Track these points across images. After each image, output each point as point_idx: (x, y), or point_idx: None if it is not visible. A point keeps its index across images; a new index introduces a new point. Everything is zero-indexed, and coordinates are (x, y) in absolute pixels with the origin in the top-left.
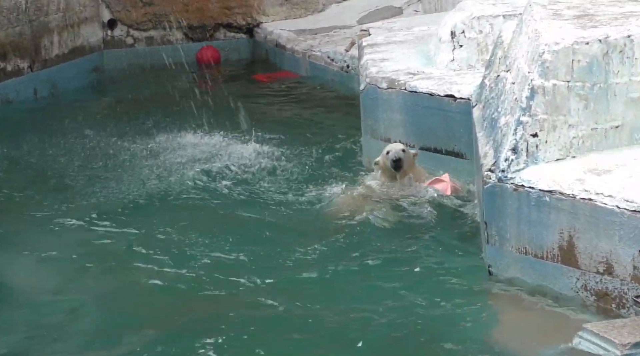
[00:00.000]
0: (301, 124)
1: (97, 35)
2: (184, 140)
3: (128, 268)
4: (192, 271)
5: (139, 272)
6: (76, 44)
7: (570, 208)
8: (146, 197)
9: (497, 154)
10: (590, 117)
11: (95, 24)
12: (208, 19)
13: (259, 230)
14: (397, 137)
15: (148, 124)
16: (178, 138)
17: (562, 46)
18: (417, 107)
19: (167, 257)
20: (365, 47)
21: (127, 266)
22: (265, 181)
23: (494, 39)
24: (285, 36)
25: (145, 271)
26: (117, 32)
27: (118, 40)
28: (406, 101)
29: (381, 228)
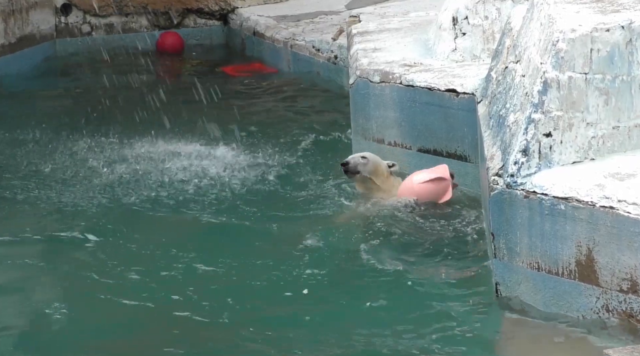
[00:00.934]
0: (282, 125)
1: (49, 22)
2: (143, 141)
3: (91, 283)
4: (173, 284)
5: (105, 288)
6: (25, 32)
7: (589, 217)
8: (100, 203)
9: (506, 157)
10: (612, 114)
11: (47, 9)
12: (176, 4)
13: (243, 244)
14: (391, 138)
15: (105, 123)
16: (137, 139)
17: (579, 34)
18: (414, 103)
19: (144, 269)
20: (355, 36)
21: (90, 282)
22: (242, 192)
23: (502, 25)
24: (264, 23)
25: (117, 286)
26: (72, 18)
27: (73, 28)
28: (402, 97)
29: (378, 244)
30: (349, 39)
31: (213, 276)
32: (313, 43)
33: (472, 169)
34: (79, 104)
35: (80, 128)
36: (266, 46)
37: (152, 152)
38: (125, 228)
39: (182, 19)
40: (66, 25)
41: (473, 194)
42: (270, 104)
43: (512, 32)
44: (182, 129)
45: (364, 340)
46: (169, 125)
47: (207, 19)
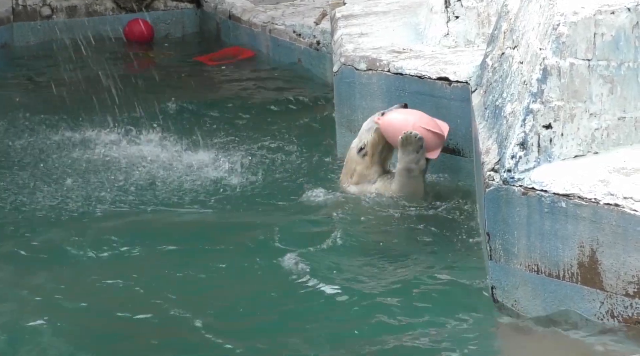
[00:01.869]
0: (261, 116)
1: (6, 4)
2: (109, 137)
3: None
4: (163, 292)
5: (83, 295)
6: None
7: (593, 215)
8: (71, 204)
9: (502, 150)
10: (617, 104)
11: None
12: None
13: (229, 245)
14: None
15: (66, 116)
16: (102, 134)
17: (582, 16)
18: (403, 92)
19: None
20: (339, 20)
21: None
22: (219, 192)
23: (498, 8)
24: (241, 6)
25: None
26: (31, 0)
27: (32, 11)
28: (390, 86)
29: (366, 245)
30: (332, 23)
31: (196, 278)
32: (294, 27)
33: (466, 163)
34: (37, 96)
35: (39, 122)
36: (243, 31)
37: (121, 149)
38: (103, 230)
39: (152, 1)
40: (24, 8)
41: (467, 191)
42: (248, 95)
43: (509, 15)
44: (157, 125)
45: (352, 345)
46: (139, 119)
47: (179, 1)
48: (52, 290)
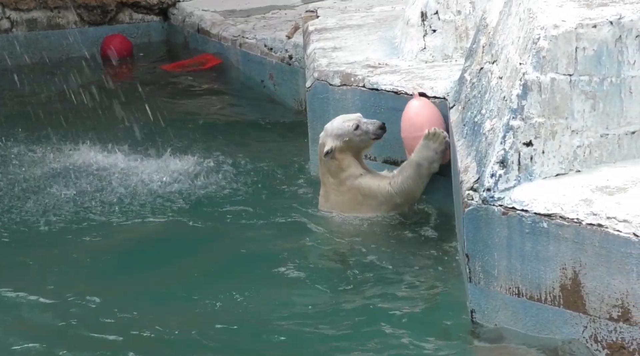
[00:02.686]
0: (232, 133)
1: None
2: (76, 157)
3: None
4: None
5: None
6: None
7: (575, 236)
8: (50, 219)
9: (482, 169)
10: (599, 121)
11: None
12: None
13: (195, 256)
14: None
15: (26, 135)
16: (67, 155)
17: (563, 30)
18: (378, 109)
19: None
20: (312, 33)
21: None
22: (188, 204)
23: (476, 21)
24: (210, 19)
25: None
26: None
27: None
28: (365, 102)
29: (343, 268)
30: (305, 36)
31: (174, 295)
32: (265, 41)
33: (444, 182)
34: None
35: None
36: (212, 45)
37: (86, 163)
38: (80, 243)
39: (116, 14)
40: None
41: (445, 211)
42: (218, 110)
43: (488, 29)
44: (123, 138)
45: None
46: (103, 133)
47: (145, 13)
48: (32, 306)
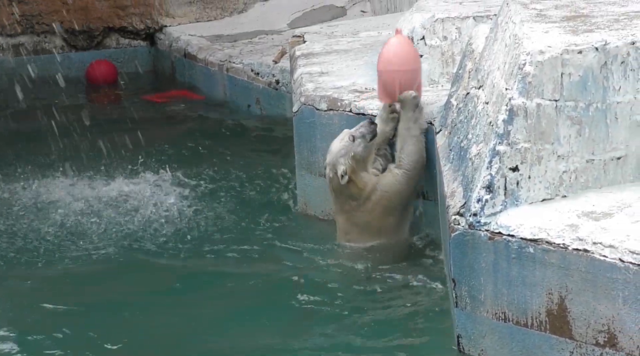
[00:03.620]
0: (217, 157)
1: None
2: (61, 178)
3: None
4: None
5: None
6: None
7: (561, 261)
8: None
9: (468, 193)
10: (585, 146)
11: None
12: (95, 22)
13: (182, 288)
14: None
15: (15, 158)
16: (46, 182)
17: (549, 56)
18: None
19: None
20: (299, 58)
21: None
22: (171, 237)
23: (462, 47)
24: (196, 44)
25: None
26: None
27: None
28: (352, 126)
29: (326, 291)
30: (292, 61)
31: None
32: (252, 66)
33: (431, 207)
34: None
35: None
36: (199, 70)
37: (69, 193)
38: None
39: (103, 39)
40: None
41: (432, 236)
42: (204, 135)
43: (474, 55)
44: (106, 164)
45: None
46: (86, 160)
47: (132, 38)
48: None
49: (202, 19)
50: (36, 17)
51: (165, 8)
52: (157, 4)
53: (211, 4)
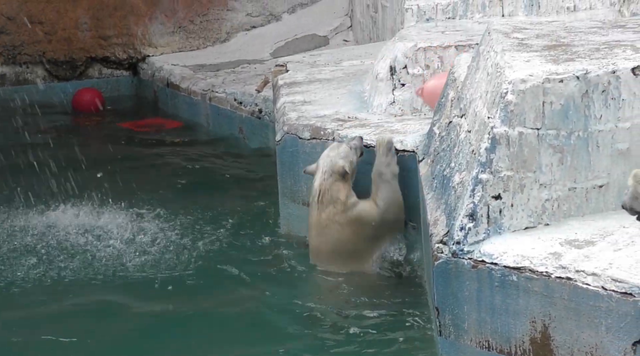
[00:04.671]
0: (200, 187)
1: None
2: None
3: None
4: None
5: None
6: None
7: (544, 289)
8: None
9: (451, 222)
10: (567, 175)
11: None
12: (78, 52)
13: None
14: None
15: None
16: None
17: (530, 85)
18: None
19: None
20: (282, 87)
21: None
22: (156, 264)
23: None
24: (179, 73)
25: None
26: None
27: None
28: None
29: (312, 319)
30: (275, 90)
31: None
32: (235, 95)
33: (414, 235)
34: None
35: None
36: (182, 99)
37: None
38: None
39: (86, 69)
40: None
41: (415, 263)
42: (187, 165)
43: (456, 83)
44: (89, 194)
45: None
46: (68, 190)
47: (114, 68)
48: None
49: (184, 49)
50: (18, 47)
51: (148, 38)
52: (139, 34)
53: (194, 33)
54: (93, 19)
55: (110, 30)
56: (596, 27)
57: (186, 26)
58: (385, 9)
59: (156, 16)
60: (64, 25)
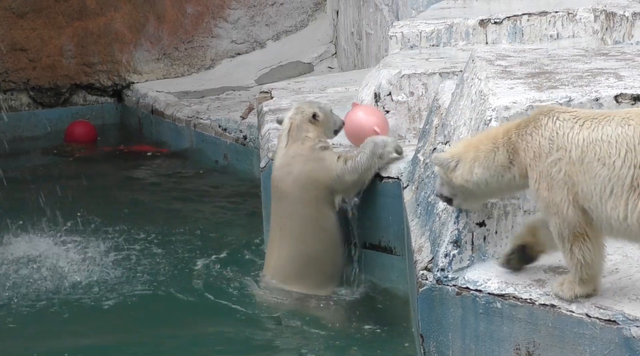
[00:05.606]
0: (185, 214)
1: None
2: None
3: None
4: None
5: None
6: None
7: (528, 317)
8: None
9: (435, 249)
10: None
11: None
12: (62, 79)
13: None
14: None
15: None
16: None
17: (514, 112)
18: None
19: None
20: (266, 114)
21: None
22: (141, 287)
23: (429, 102)
24: (164, 100)
25: None
26: None
27: None
28: None
29: (299, 345)
30: (259, 117)
31: None
32: (219, 122)
33: (399, 262)
34: None
35: None
36: (166, 126)
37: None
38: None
39: (70, 96)
40: None
41: (400, 291)
42: (171, 192)
43: (441, 110)
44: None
45: None
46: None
47: (99, 95)
48: None
49: (169, 76)
50: (2, 74)
51: (133, 65)
52: (124, 61)
53: (178, 60)
54: (78, 46)
55: (94, 57)
56: (579, 54)
57: (171, 53)
58: (369, 36)
59: (141, 43)
60: (49, 52)
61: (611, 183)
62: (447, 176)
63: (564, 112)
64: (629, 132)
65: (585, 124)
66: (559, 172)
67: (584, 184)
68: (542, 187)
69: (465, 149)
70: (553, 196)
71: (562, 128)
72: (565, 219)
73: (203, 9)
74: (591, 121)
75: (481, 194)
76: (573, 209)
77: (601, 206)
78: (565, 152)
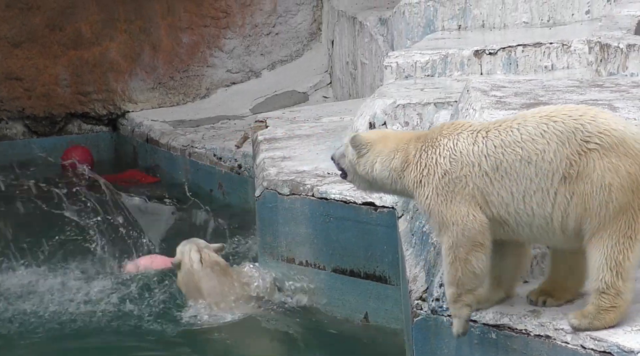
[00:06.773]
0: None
1: None
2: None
3: None
4: None
5: None
6: None
7: (523, 347)
8: None
9: (430, 278)
10: None
11: None
12: (57, 108)
13: None
14: (302, 257)
15: None
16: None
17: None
18: (327, 218)
19: None
20: (261, 143)
21: None
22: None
23: None
24: (159, 129)
25: None
26: None
27: None
28: (314, 211)
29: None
30: (254, 146)
31: None
32: (214, 151)
33: (393, 292)
34: None
35: None
36: (161, 154)
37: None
38: None
39: (65, 125)
40: None
41: (394, 321)
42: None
43: None
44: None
45: None
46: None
47: (94, 124)
48: None
49: (164, 105)
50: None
51: (128, 94)
52: (119, 90)
53: (174, 89)
54: (73, 75)
55: (90, 86)
56: (574, 86)
57: (166, 82)
58: (364, 66)
59: (136, 72)
60: (44, 81)
61: (538, 179)
62: (354, 158)
63: (461, 132)
64: (558, 128)
65: (490, 133)
66: (464, 188)
67: (502, 190)
68: (437, 201)
69: (379, 139)
70: (455, 209)
71: (464, 146)
72: (465, 230)
73: (198, 38)
74: (497, 129)
75: (376, 188)
76: (479, 219)
77: (524, 206)
78: (472, 167)
